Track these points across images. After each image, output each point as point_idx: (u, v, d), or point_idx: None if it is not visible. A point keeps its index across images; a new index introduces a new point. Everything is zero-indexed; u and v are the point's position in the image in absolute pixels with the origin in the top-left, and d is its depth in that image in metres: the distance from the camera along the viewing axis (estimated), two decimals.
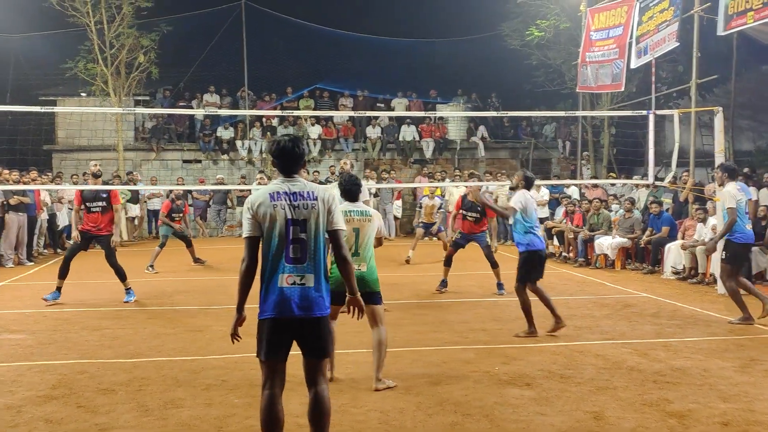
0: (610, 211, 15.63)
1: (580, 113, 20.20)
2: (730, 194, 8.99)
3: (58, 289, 10.56)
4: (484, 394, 6.11)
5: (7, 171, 15.75)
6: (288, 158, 4.51)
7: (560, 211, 16.87)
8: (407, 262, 15.10)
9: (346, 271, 4.57)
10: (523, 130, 25.11)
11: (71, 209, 18.27)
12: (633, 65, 16.37)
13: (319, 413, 4.41)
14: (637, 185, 17.03)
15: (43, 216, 16.73)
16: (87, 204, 10.69)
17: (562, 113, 20.91)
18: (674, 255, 13.18)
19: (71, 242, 10.80)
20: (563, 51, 21.34)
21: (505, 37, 22.63)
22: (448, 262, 11.77)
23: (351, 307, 4.71)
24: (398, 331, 8.39)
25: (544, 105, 24.00)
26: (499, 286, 11.32)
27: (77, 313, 9.89)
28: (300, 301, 4.31)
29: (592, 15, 17.75)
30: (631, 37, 16.19)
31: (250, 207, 4.39)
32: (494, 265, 11.42)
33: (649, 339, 8.23)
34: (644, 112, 15.12)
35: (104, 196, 10.64)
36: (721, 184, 9.40)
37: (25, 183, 15.96)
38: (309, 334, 4.38)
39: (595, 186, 18.10)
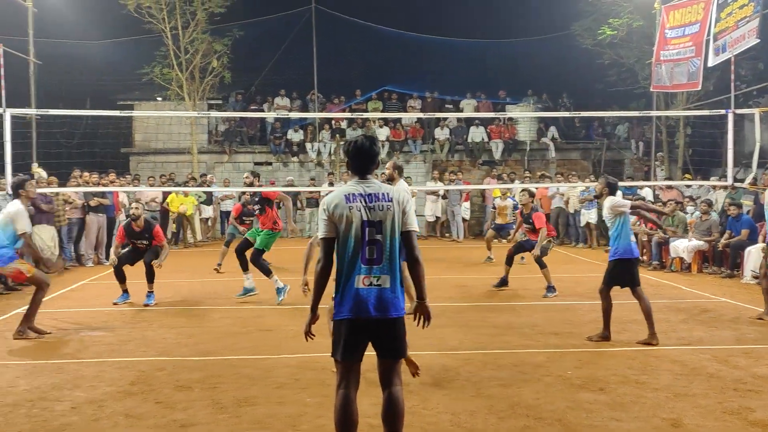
0: (686, 213, 15.24)
1: (654, 113, 19.73)
2: None
3: (125, 291, 10.87)
4: (556, 398, 6.03)
5: (87, 174, 16.24)
6: (364, 157, 4.51)
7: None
8: (490, 259, 15.21)
9: (417, 273, 4.51)
10: (594, 131, 24.71)
11: (147, 210, 18.86)
12: (710, 63, 15.90)
13: (393, 414, 4.41)
14: (714, 187, 16.55)
15: (121, 217, 17.20)
16: (132, 240, 10.98)
17: (635, 113, 20.46)
18: (755, 258, 12.74)
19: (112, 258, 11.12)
20: (636, 49, 20.94)
21: (576, 36, 22.33)
22: (509, 260, 11.97)
23: (418, 314, 4.57)
24: (468, 333, 8.35)
25: (617, 105, 23.55)
26: (549, 288, 11.20)
27: (154, 311, 10.16)
28: (376, 302, 4.32)
29: (666, 12, 17.33)
30: (708, 35, 15.74)
31: (326, 208, 4.41)
32: (542, 266, 11.33)
33: (728, 345, 7.99)
34: (723, 112, 14.69)
35: (147, 236, 10.89)
36: None
37: (104, 185, 16.47)
38: (385, 335, 4.39)
39: (670, 188, 17.67)
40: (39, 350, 7.87)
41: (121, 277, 10.82)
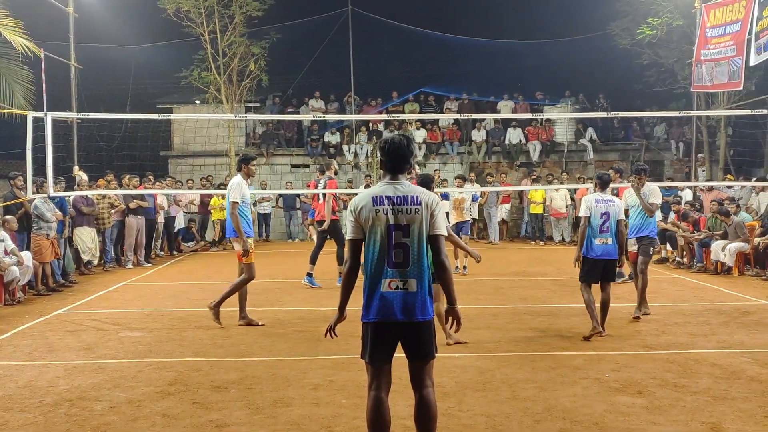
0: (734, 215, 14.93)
1: (694, 113, 19.44)
2: None
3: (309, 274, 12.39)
4: (594, 401, 5.97)
5: (127, 176, 16.45)
6: (398, 156, 4.48)
7: (672, 215, 16.21)
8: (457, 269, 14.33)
9: (444, 278, 4.46)
10: (633, 132, 24.42)
11: (186, 212, 19.08)
12: (752, 62, 15.64)
13: (425, 416, 4.39)
14: (755, 188, 16.24)
15: (160, 219, 17.43)
16: None
17: (675, 113, 20.20)
18: None
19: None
20: (676, 49, 20.67)
21: (614, 36, 22.10)
22: None
23: (449, 318, 4.56)
24: (505, 335, 8.31)
25: (656, 105, 23.26)
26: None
27: (191, 312, 10.25)
28: (402, 305, 4.31)
29: (707, 11, 17.09)
30: (749, 33, 15.48)
31: (353, 210, 4.42)
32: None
33: None
34: (764, 111, 14.43)
35: None
36: None
37: (145, 188, 16.67)
38: (412, 338, 4.38)
39: (710, 189, 17.38)
40: (79, 351, 7.99)
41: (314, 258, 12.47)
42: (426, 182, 7.66)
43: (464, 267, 13.92)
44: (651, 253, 9.94)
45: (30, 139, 11.90)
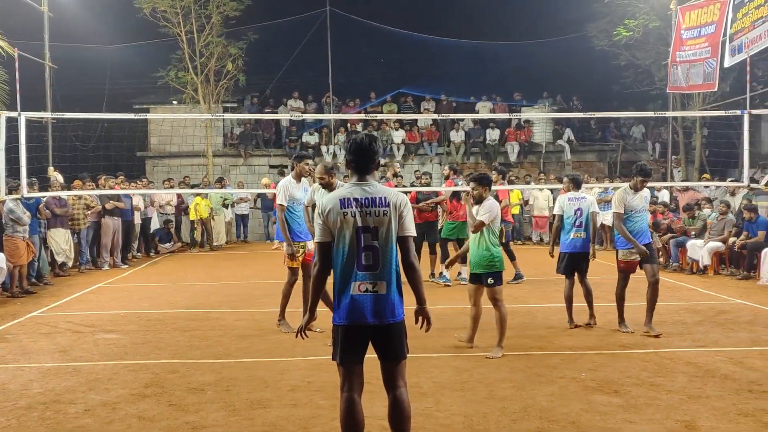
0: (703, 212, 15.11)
1: (670, 114, 19.62)
2: None
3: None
4: (570, 401, 5.99)
5: (103, 177, 16.27)
6: (363, 155, 4.44)
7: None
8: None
9: (413, 278, 4.43)
10: (610, 132, 24.60)
11: (162, 213, 18.94)
12: (727, 64, 15.81)
13: (399, 416, 4.38)
14: (728, 188, 16.39)
15: (137, 220, 17.27)
16: None
17: (651, 114, 20.36)
18: None
19: None
20: (652, 51, 20.86)
21: (591, 37, 22.25)
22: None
23: (419, 318, 4.51)
24: (481, 335, 8.31)
25: (633, 106, 23.45)
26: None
27: (168, 314, 10.18)
28: (372, 308, 4.29)
29: (682, 13, 17.25)
30: (724, 35, 15.64)
31: (321, 212, 4.37)
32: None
33: (744, 347, 7.91)
34: (738, 112, 14.56)
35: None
36: None
37: (121, 188, 16.49)
38: (383, 340, 4.37)
39: (686, 189, 17.53)
40: (53, 353, 7.90)
41: None
42: (487, 180, 7.85)
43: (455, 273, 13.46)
44: None
45: (3, 140, 11.74)
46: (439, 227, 13.36)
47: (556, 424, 5.46)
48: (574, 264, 9.10)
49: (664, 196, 18.06)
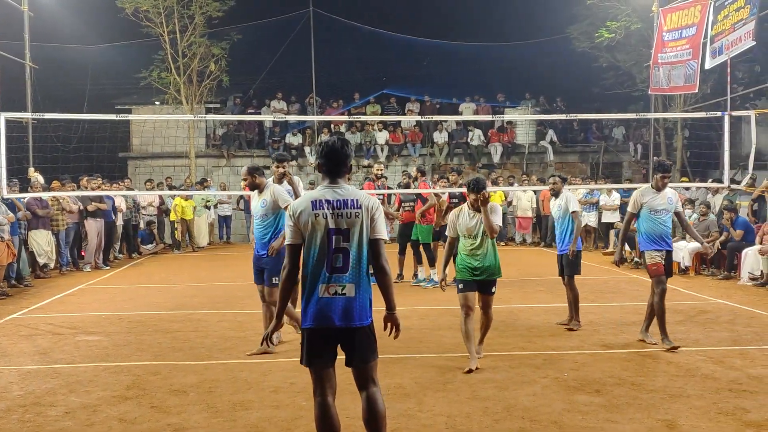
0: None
1: (652, 115, 19.70)
2: None
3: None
4: (553, 400, 6.02)
5: (85, 178, 16.13)
6: (335, 159, 4.40)
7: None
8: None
9: (383, 282, 4.39)
10: (593, 134, 24.74)
11: (145, 215, 18.85)
12: (707, 66, 15.91)
13: (372, 415, 4.34)
14: (709, 188, 16.51)
15: (119, 222, 17.16)
16: None
17: (633, 115, 20.47)
18: (751, 260, 12.76)
19: None
20: (634, 53, 20.95)
21: (573, 39, 22.33)
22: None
23: (388, 324, 4.46)
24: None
25: (615, 108, 23.57)
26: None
27: (150, 315, 10.12)
28: (341, 311, 4.25)
29: (664, 15, 17.35)
30: (705, 37, 15.75)
31: (292, 214, 4.33)
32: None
33: (724, 346, 7.98)
34: (719, 114, 14.69)
35: None
36: None
37: (103, 189, 16.37)
38: (351, 343, 4.32)
39: None
40: (34, 355, 7.83)
41: None
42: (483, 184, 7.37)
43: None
44: None
45: None
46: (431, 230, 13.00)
47: (539, 423, 5.48)
48: (561, 265, 9.29)
49: None
